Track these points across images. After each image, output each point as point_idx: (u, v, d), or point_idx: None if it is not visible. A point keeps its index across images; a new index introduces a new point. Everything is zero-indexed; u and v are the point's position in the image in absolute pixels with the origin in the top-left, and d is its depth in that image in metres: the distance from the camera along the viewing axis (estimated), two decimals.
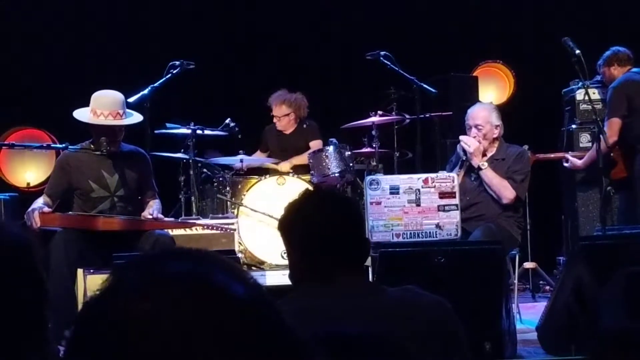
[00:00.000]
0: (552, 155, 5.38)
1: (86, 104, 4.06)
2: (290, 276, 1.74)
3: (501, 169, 4.31)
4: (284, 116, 5.60)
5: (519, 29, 6.43)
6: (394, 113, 5.35)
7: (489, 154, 4.37)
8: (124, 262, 0.76)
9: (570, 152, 5.22)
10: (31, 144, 4.43)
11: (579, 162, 5.05)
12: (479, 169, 4.27)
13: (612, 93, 5.07)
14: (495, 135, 4.36)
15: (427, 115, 5.20)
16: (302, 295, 1.67)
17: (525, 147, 4.90)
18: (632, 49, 5.25)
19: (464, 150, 4.31)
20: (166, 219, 4.09)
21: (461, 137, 4.37)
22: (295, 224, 1.69)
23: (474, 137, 4.32)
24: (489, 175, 4.26)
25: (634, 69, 5.14)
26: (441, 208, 3.89)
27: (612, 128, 4.95)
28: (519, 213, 4.38)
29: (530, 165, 4.81)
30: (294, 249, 1.70)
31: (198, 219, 4.85)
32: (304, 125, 5.70)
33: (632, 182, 5.05)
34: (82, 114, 4.04)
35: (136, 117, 4.14)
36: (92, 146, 4.04)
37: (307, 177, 5.16)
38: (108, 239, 3.82)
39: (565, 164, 5.16)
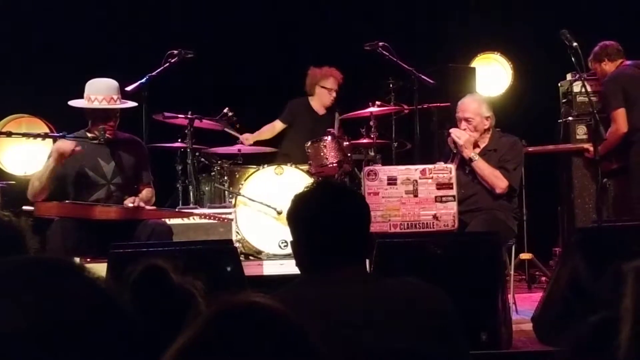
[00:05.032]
0: (543, 148, 5.39)
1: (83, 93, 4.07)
2: (297, 265, 1.76)
3: (493, 160, 4.32)
4: (338, 89, 5.57)
5: (517, 19, 6.42)
6: (392, 103, 5.35)
7: (482, 145, 4.38)
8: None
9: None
10: (28, 132, 4.42)
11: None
12: (471, 160, 4.28)
13: (607, 86, 5.08)
14: (486, 127, 4.35)
15: (426, 106, 5.20)
16: (300, 285, 1.69)
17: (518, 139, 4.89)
18: (628, 41, 5.25)
19: (455, 143, 4.32)
20: (147, 207, 4.05)
21: (451, 130, 4.37)
22: (299, 215, 1.71)
23: (464, 129, 4.33)
24: (481, 167, 4.27)
25: (626, 62, 5.15)
26: (438, 199, 3.90)
27: (619, 119, 4.95)
28: (514, 203, 4.39)
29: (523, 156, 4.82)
30: (297, 239, 1.72)
31: (195, 208, 4.86)
32: (337, 113, 5.66)
33: (625, 173, 5.07)
34: (77, 102, 4.06)
35: (130, 103, 4.16)
36: (88, 134, 4.05)
37: (306, 166, 5.16)
38: (105, 228, 3.82)
39: (587, 154, 5.17)
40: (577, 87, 5.35)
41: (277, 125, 5.67)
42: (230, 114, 5.22)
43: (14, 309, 0.71)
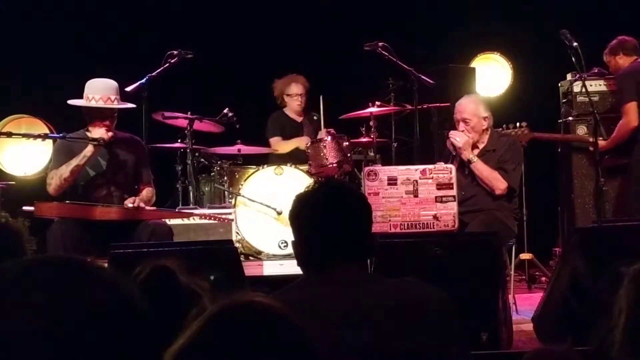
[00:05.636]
0: (549, 135, 5.36)
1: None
2: (298, 265, 1.76)
3: (492, 160, 4.33)
4: (305, 93, 5.58)
5: (517, 19, 6.43)
6: (392, 103, 5.35)
7: (481, 146, 4.40)
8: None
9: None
10: (28, 133, 4.42)
11: (603, 142, 5.03)
12: (469, 162, 4.29)
13: (622, 79, 5.05)
14: (484, 127, 4.37)
15: (425, 106, 5.20)
16: (301, 285, 1.69)
17: (524, 124, 4.87)
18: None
19: (454, 146, 4.33)
20: (148, 207, 4.05)
21: (450, 132, 4.39)
22: (301, 215, 1.71)
23: (462, 130, 4.34)
24: (480, 168, 4.28)
25: None
26: (438, 199, 3.90)
27: (630, 113, 4.92)
28: (514, 204, 4.40)
29: (528, 142, 4.81)
30: (299, 239, 1.72)
31: (195, 208, 4.85)
32: (314, 117, 5.67)
33: (628, 169, 5.05)
34: (75, 101, 4.08)
35: (128, 104, 4.17)
36: (87, 134, 4.05)
37: (305, 167, 5.15)
38: (105, 229, 3.82)
39: (591, 148, 5.16)
40: (577, 87, 5.34)
41: (278, 141, 5.64)
42: (230, 114, 5.21)
43: (26, 309, 0.71)
